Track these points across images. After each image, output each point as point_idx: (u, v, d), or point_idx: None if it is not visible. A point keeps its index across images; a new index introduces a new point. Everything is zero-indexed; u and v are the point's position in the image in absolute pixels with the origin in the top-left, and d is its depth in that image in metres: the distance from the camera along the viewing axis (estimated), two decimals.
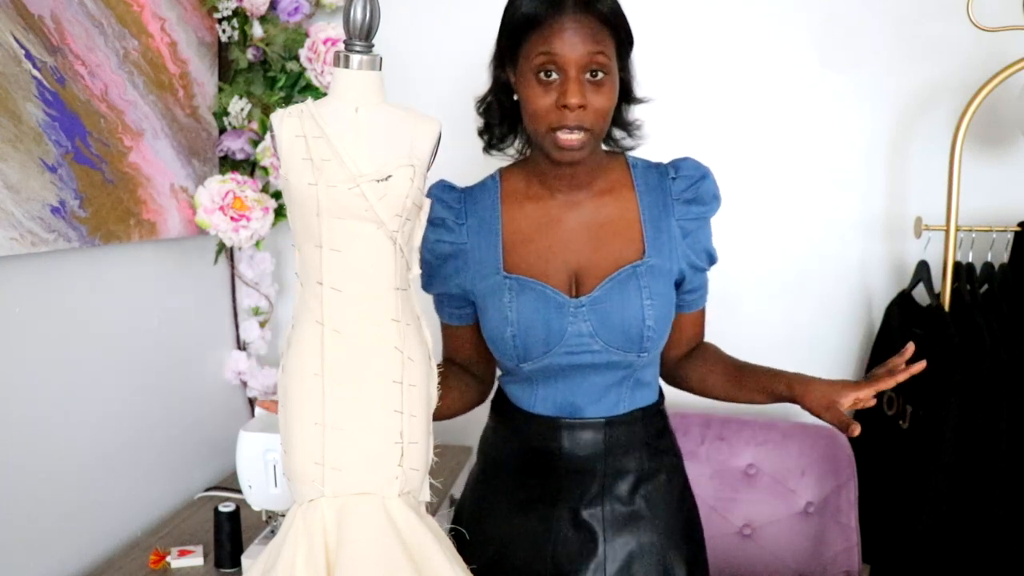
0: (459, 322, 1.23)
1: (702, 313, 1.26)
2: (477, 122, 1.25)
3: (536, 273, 1.13)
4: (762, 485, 1.79)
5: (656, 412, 1.22)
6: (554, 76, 1.02)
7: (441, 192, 1.19)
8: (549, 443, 1.17)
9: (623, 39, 1.07)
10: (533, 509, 1.18)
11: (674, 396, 1.31)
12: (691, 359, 1.25)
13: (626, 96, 1.14)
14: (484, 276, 1.15)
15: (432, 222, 1.16)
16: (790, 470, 1.81)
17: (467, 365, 1.26)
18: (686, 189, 1.15)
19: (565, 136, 1.03)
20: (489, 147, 1.21)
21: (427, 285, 1.22)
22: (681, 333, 1.23)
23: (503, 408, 1.25)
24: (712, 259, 1.19)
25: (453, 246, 1.17)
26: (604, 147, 1.17)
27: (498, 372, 1.28)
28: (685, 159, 1.17)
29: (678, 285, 1.16)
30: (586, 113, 1.02)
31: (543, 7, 1.02)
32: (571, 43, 1.00)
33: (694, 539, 1.23)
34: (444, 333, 1.27)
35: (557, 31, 1.01)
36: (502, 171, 1.21)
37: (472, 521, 1.24)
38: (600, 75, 1.02)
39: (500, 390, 1.27)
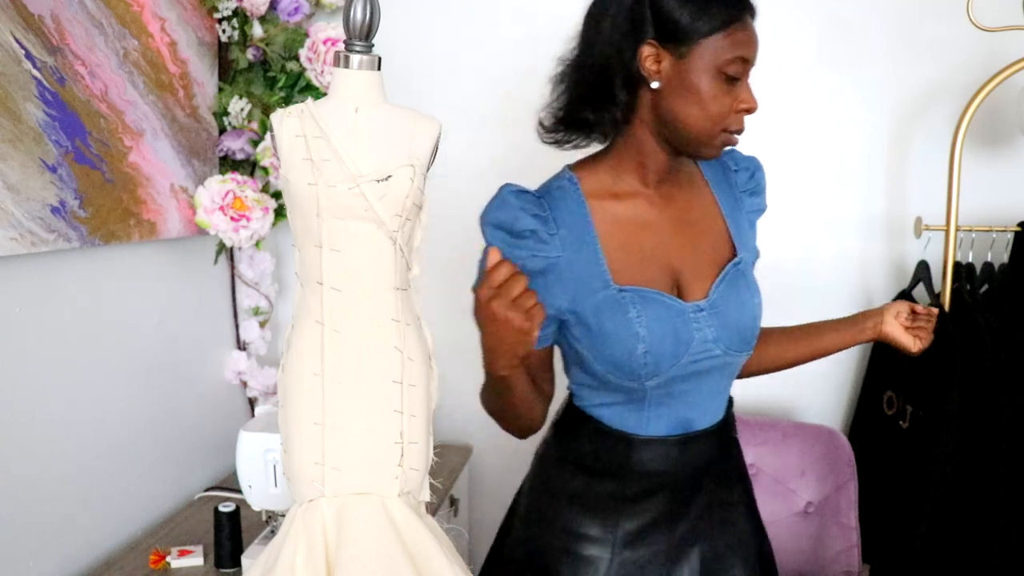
0: (545, 343, 1.11)
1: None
2: (485, 123, 1.21)
3: (643, 280, 1.04)
4: (762, 485, 1.79)
5: (730, 420, 1.18)
6: (736, 79, 0.99)
7: (518, 199, 1.04)
8: (655, 465, 1.09)
9: None
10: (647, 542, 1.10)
11: None
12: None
13: None
14: (591, 292, 1.03)
15: (519, 235, 1.03)
16: (790, 470, 1.81)
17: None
18: (748, 180, 1.14)
19: (733, 138, 1.01)
20: (564, 140, 1.10)
21: None
22: None
23: (594, 434, 1.12)
24: (757, 256, 1.18)
25: (546, 261, 1.03)
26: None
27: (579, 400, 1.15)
28: (733, 150, 1.10)
29: None
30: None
31: (738, 8, 0.98)
32: (755, 49, 1.00)
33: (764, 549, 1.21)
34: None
35: (751, 34, 0.99)
36: (573, 168, 1.10)
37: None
38: None
39: (582, 416, 1.14)
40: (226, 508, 1.48)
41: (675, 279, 1.06)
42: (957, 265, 1.70)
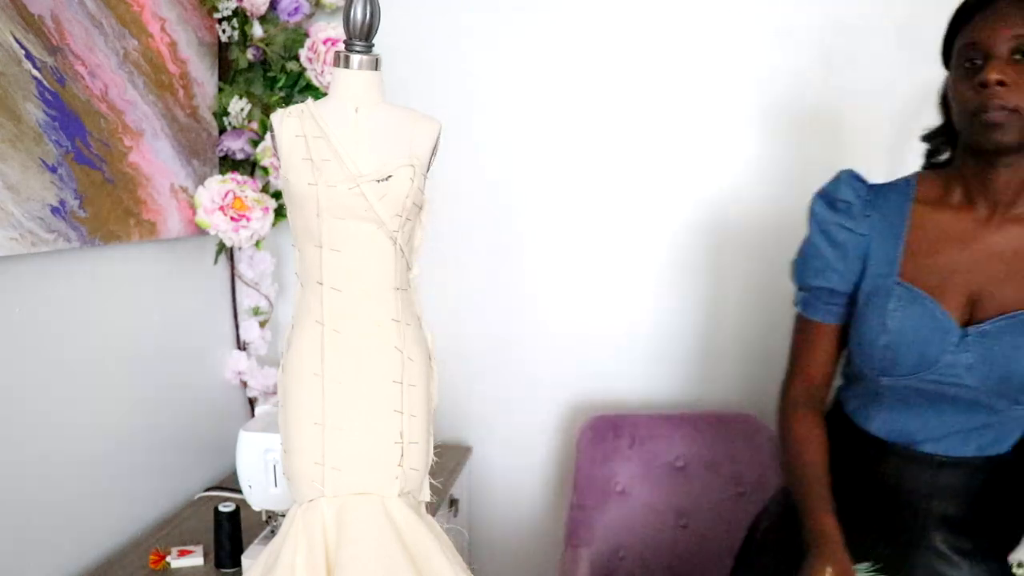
0: (832, 320, 1.13)
1: None
2: (484, 123, 1.20)
3: (931, 287, 1.04)
4: (695, 474, 1.82)
5: (1004, 463, 1.09)
6: (978, 63, 0.98)
7: (850, 179, 1.12)
8: (873, 467, 1.10)
9: None
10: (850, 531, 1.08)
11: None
12: None
13: None
14: (876, 276, 1.07)
15: (834, 206, 1.11)
16: (719, 457, 1.84)
17: (817, 388, 1.16)
18: None
19: (989, 115, 0.96)
20: (929, 166, 1.15)
21: (802, 275, 1.14)
22: None
23: (834, 414, 1.17)
24: None
25: (851, 235, 1.09)
26: None
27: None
28: None
29: None
30: (1010, 92, 0.95)
31: (975, 1, 1.00)
32: (994, 26, 0.97)
33: None
34: (806, 336, 1.16)
35: (984, 17, 0.98)
36: (920, 175, 1.13)
37: (776, 523, 1.21)
38: None
39: (836, 396, 1.19)
40: (226, 508, 1.48)
41: (970, 303, 1.03)
42: None
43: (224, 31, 1.82)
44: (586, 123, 1.92)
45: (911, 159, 1.18)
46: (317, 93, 1.87)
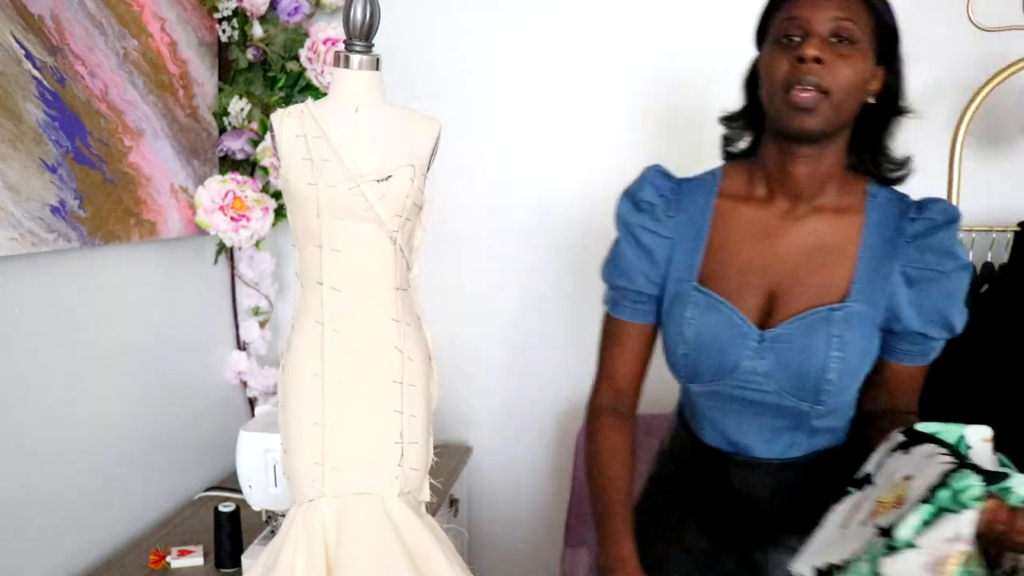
0: (640, 319, 1.10)
1: (919, 372, 1.05)
2: (484, 123, 1.22)
3: (730, 288, 1.03)
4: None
5: (839, 455, 1.08)
6: (796, 40, 0.95)
7: (655, 177, 1.10)
8: (717, 477, 1.09)
9: (883, 22, 0.99)
10: (697, 538, 1.11)
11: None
12: (877, 428, 1.00)
13: (891, 104, 1.03)
14: (677, 281, 1.06)
15: (639, 207, 1.08)
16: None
17: (623, 392, 1.12)
18: (922, 233, 0.99)
19: (798, 93, 0.93)
20: (728, 155, 1.13)
21: (610, 274, 1.11)
22: (881, 385, 1.05)
23: (680, 426, 1.17)
24: (950, 328, 1.00)
25: (656, 238, 1.07)
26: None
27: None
28: (937, 200, 1.02)
29: (890, 333, 1.02)
30: (824, 71, 0.93)
31: None
32: (817, 4, 0.95)
33: None
34: (613, 336, 1.13)
35: None
36: (725, 167, 1.11)
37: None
38: (847, 42, 0.94)
39: (678, 407, 1.20)
40: (226, 508, 1.48)
41: (769, 302, 1.02)
42: None
43: (224, 31, 1.82)
44: (586, 123, 1.92)
45: (910, 158, 1.18)
46: (317, 93, 1.87)
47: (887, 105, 1.03)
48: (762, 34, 1.03)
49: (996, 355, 1.63)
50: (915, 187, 1.60)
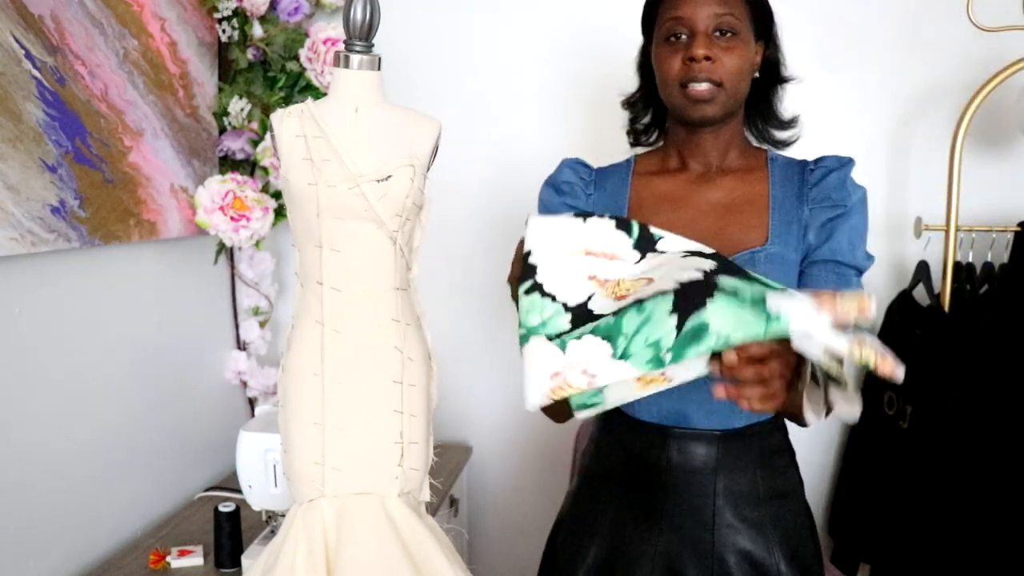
0: None
1: None
2: (484, 123, 1.23)
3: None
4: None
5: (774, 426, 1.11)
6: (683, 38, 1.04)
7: (573, 163, 1.18)
8: (656, 454, 1.09)
9: (756, 5, 1.07)
10: (638, 526, 1.10)
11: None
12: None
13: (774, 76, 1.14)
14: None
15: (559, 189, 1.15)
16: None
17: None
18: (822, 178, 1.10)
19: (694, 87, 1.03)
20: (636, 143, 1.22)
21: None
22: None
23: (607, 414, 1.16)
24: (852, 264, 1.07)
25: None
26: (754, 142, 1.18)
27: None
28: (832, 155, 1.13)
29: (808, 267, 1.08)
30: (715, 66, 1.02)
31: None
32: (696, 3, 1.03)
33: (804, 563, 1.11)
34: None
35: None
36: (638, 155, 1.20)
37: (571, 536, 1.19)
38: (729, 35, 1.03)
39: None
40: (226, 508, 1.47)
41: None
42: (957, 265, 1.70)
43: (224, 31, 1.82)
44: (587, 123, 1.92)
45: (911, 159, 1.18)
46: (317, 93, 1.87)
47: (770, 75, 1.14)
48: (647, 25, 1.13)
49: (996, 355, 1.63)
50: (915, 187, 1.61)
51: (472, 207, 2.01)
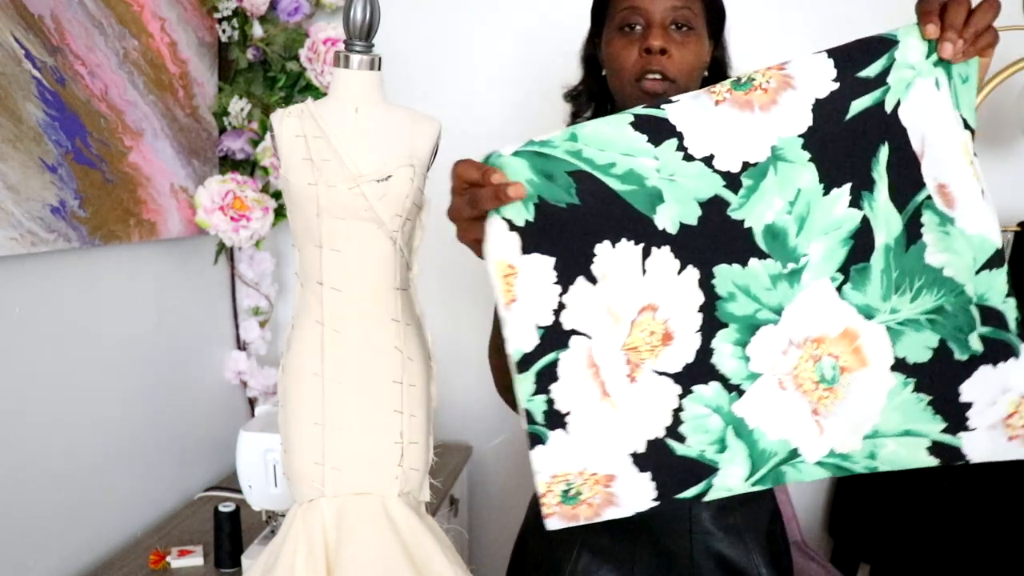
0: None
1: None
2: (484, 123, 1.23)
3: None
4: None
5: None
6: (638, 29, 1.00)
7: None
8: None
9: (713, 5, 1.05)
10: (614, 536, 1.09)
11: None
12: None
13: (721, 78, 1.11)
14: None
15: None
16: None
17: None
18: None
19: (650, 82, 0.99)
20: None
21: None
22: None
23: None
24: None
25: None
26: None
27: None
28: None
29: None
30: (670, 61, 0.99)
31: None
32: None
33: (781, 565, 1.13)
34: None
35: None
36: None
37: (544, 549, 1.17)
38: (685, 29, 1.00)
39: None
40: (226, 508, 1.47)
41: None
42: None
43: (224, 31, 1.82)
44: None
45: None
46: (317, 93, 1.87)
47: (717, 77, 1.09)
48: (598, 14, 1.09)
49: None
50: None
51: None
